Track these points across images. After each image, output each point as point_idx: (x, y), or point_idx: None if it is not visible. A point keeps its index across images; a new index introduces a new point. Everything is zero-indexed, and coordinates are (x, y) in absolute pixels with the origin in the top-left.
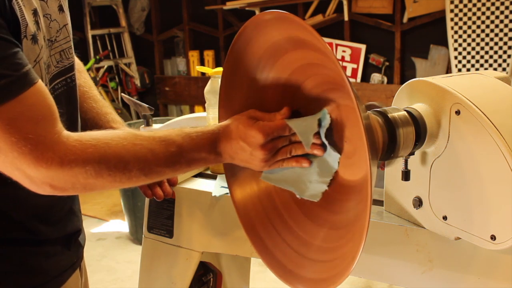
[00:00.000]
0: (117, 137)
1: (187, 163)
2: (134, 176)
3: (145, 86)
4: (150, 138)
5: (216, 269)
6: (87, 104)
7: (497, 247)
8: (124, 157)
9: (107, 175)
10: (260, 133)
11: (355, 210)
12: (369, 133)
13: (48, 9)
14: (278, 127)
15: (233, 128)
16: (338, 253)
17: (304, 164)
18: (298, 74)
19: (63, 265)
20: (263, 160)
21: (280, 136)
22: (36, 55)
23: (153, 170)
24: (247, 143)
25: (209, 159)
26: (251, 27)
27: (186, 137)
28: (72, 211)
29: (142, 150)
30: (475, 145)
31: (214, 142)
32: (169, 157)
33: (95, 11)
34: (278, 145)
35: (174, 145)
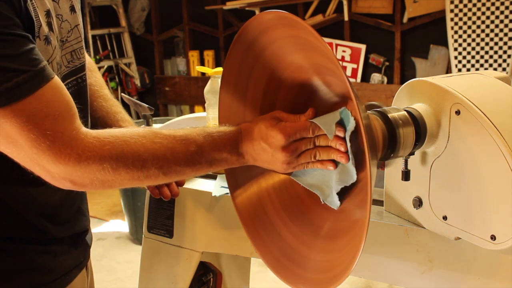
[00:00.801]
0: (136, 135)
1: (208, 163)
2: (152, 175)
3: (145, 86)
4: (171, 136)
5: (216, 269)
6: (97, 102)
7: (497, 247)
8: (142, 155)
9: (124, 173)
10: (281, 133)
11: (355, 210)
12: (369, 133)
13: (59, 10)
14: (301, 128)
15: (255, 128)
16: (338, 253)
17: (330, 167)
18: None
19: (70, 264)
20: (285, 162)
21: (303, 138)
22: (49, 55)
23: (172, 169)
24: (268, 144)
25: (231, 159)
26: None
27: (208, 137)
28: (80, 211)
29: (161, 148)
30: (475, 145)
31: (236, 142)
32: (189, 157)
33: (95, 11)
34: (301, 147)
35: (195, 144)
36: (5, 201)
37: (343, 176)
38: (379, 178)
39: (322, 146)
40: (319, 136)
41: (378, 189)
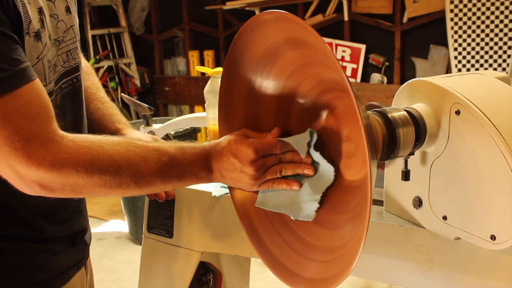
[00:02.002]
0: (111, 142)
1: (178, 176)
2: (124, 183)
3: (145, 86)
4: (144, 146)
5: (216, 269)
6: (93, 105)
7: (497, 247)
8: (116, 161)
9: (97, 178)
10: (251, 148)
11: (355, 210)
12: (369, 133)
13: (55, 10)
14: (269, 144)
15: (224, 144)
16: (338, 253)
17: (295, 187)
18: (297, 74)
19: (68, 263)
20: (252, 178)
21: (270, 154)
22: (39, 52)
23: (144, 179)
24: (238, 159)
25: (200, 174)
26: (250, 28)
27: (179, 149)
28: (78, 210)
29: (135, 157)
30: (475, 145)
31: (206, 158)
32: (161, 167)
33: (95, 11)
34: (268, 163)
35: (167, 155)
36: (1, 200)
37: (315, 188)
38: (379, 178)
39: (287, 162)
40: (284, 153)
41: (378, 189)
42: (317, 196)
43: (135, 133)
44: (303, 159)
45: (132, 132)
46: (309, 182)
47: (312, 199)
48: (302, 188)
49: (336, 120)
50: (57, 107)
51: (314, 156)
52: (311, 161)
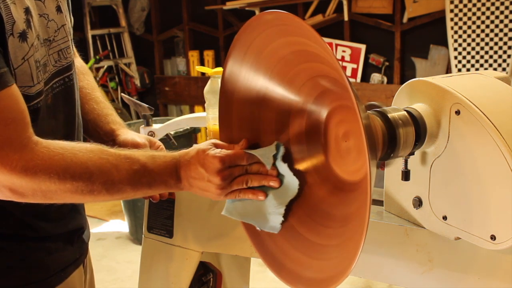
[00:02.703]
0: (84, 148)
1: (148, 183)
2: (96, 190)
3: (145, 86)
4: (116, 154)
5: (216, 269)
6: (88, 105)
7: (497, 247)
8: (89, 168)
9: (70, 184)
10: (217, 158)
11: (355, 210)
12: (369, 133)
13: (45, 9)
14: (236, 155)
15: (192, 154)
16: (338, 253)
17: (260, 197)
18: (297, 75)
19: (65, 261)
20: (219, 187)
21: (237, 165)
22: (25, 52)
23: (115, 186)
24: (205, 168)
25: (169, 183)
26: (250, 28)
27: (150, 158)
28: (75, 209)
29: (107, 164)
30: (475, 145)
31: (175, 166)
32: (132, 175)
33: (95, 11)
34: (235, 173)
35: (138, 163)
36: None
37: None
38: (379, 178)
39: (253, 173)
40: (251, 164)
41: (378, 189)
42: (281, 209)
43: (129, 133)
44: (268, 171)
45: (126, 132)
46: (274, 194)
47: (277, 212)
48: (268, 199)
49: (336, 120)
50: (48, 107)
51: (281, 168)
52: (277, 173)
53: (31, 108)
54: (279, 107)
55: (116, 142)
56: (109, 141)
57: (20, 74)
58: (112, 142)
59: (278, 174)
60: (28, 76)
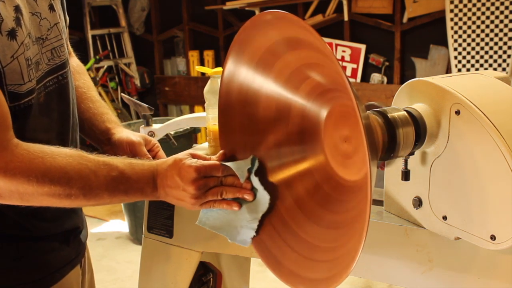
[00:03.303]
0: (64, 153)
1: (125, 190)
2: (73, 194)
3: (145, 86)
4: (95, 160)
5: (216, 269)
6: (84, 104)
7: (497, 247)
8: (68, 173)
9: (48, 188)
10: (193, 168)
11: (355, 210)
12: (369, 133)
13: (37, 8)
14: (212, 166)
15: (169, 163)
16: (338, 253)
17: (235, 208)
18: (297, 75)
19: (60, 261)
20: (193, 196)
21: (212, 176)
22: (14, 51)
23: (93, 192)
24: (180, 178)
25: (146, 191)
26: (250, 28)
27: (128, 165)
28: (72, 209)
29: (85, 170)
30: (475, 145)
31: (152, 175)
32: (110, 182)
33: (95, 11)
34: (210, 183)
35: (117, 170)
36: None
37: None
38: (379, 178)
39: (228, 185)
40: (226, 176)
41: (378, 189)
42: (254, 224)
43: (124, 132)
44: (243, 185)
45: (121, 131)
46: (247, 207)
47: (250, 226)
48: (241, 212)
49: (336, 120)
50: (40, 105)
51: (254, 182)
52: (251, 187)
53: (21, 106)
54: (279, 107)
55: (111, 141)
56: (105, 140)
57: (10, 72)
58: (107, 141)
59: (252, 187)
60: (18, 74)
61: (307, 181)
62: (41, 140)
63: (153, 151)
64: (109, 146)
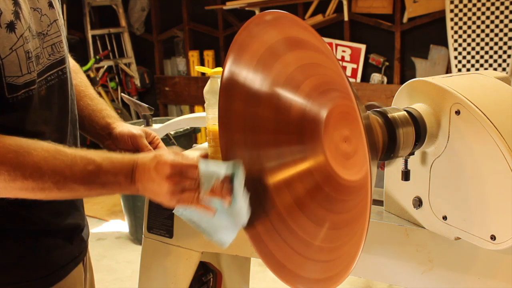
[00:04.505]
0: (40, 148)
1: (102, 184)
2: (47, 188)
3: (145, 86)
4: (71, 154)
5: (216, 269)
6: (83, 102)
7: (497, 247)
8: (41, 168)
9: (20, 182)
10: (168, 164)
11: (355, 210)
12: (369, 133)
13: (38, 4)
14: (187, 164)
15: (149, 157)
16: (338, 253)
17: (210, 215)
18: (297, 75)
19: (64, 259)
20: (168, 193)
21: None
22: (12, 43)
23: (68, 185)
24: (156, 172)
25: (124, 184)
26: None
27: (107, 159)
28: (74, 205)
29: (61, 164)
30: (475, 145)
31: (132, 169)
32: (86, 176)
33: (95, 11)
34: (185, 184)
35: (93, 164)
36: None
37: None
38: (379, 178)
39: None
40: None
41: (378, 189)
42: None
43: (125, 126)
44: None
45: (122, 125)
46: (229, 210)
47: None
48: (220, 213)
49: (336, 120)
50: (41, 98)
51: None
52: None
53: (19, 98)
54: (279, 107)
55: (112, 135)
56: (105, 135)
57: (8, 64)
58: (108, 136)
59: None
60: (16, 66)
61: (307, 181)
62: (42, 132)
63: (154, 143)
64: (110, 141)
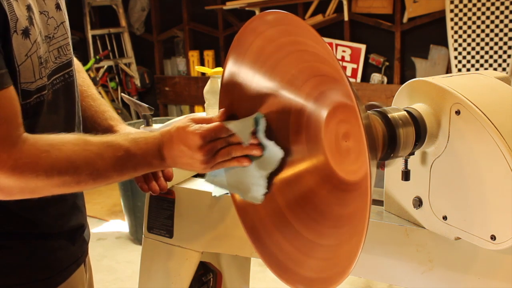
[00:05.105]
0: (68, 142)
1: (133, 167)
2: (82, 181)
3: (145, 86)
4: (99, 143)
5: (216, 269)
6: (85, 102)
7: (497, 247)
8: (75, 162)
9: (57, 179)
10: (197, 135)
11: (355, 210)
12: (369, 133)
13: (45, 7)
14: (215, 129)
15: (173, 132)
16: (338, 253)
17: (245, 163)
18: (297, 75)
19: (67, 260)
20: (203, 162)
21: (218, 138)
22: (28, 49)
23: (101, 175)
24: (187, 146)
25: (154, 163)
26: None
27: (133, 142)
28: (76, 206)
29: (91, 155)
30: (475, 145)
31: (158, 147)
32: (117, 162)
33: (95, 11)
34: (217, 146)
35: (122, 149)
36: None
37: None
38: (379, 178)
39: (235, 143)
40: (232, 135)
41: (378, 189)
42: (263, 181)
43: (127, 129)
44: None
45: (124, 128)
46: (256, 164)
47: (260, 183)
48: (250, 169)
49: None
50: (48, 102)
51: (261, 139)
52: (258, 142)
53: (32, 103)
54: (279, 107)
55: None
56: None
57: (24, 70)
58: None
59: (260, 143)
60: (30, 72)
61: (307, 180)
62: None
63: None
64: None
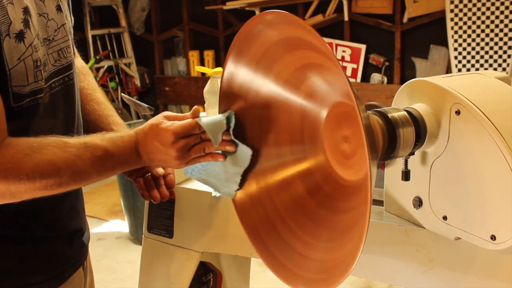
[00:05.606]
0: (48, 145)
1: (111, 166)
2: (64, 183)
3: (145, 86)
4: (77, 144)
5: (216, 269)
6: (89, 106)
7: (497, 247)
8: (56, 164)
9: (39, 182)
10: (169, 131)
11: (355, 210)
12: (369, 133)
13: (45, 8)
14: (188, 126)
15: (147, 130)
16: (338, 253)
17: (220, 159)
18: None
19: (64, 264)
20: (177, 158)
21: (191, 134)
22: (21, 53)
23: (81, 175)
24: (160, 142)
25: (131, 161)
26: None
27: (110, 141)
28: (74, 210)
29: (71, 156)
30: (475, 145)
31: (134, 145)
32: (95, 161)
33: (95, 11)
34: (190, 142)
35: (100, 149)
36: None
37: (237, 162)
38: (379, 178)
39: (208, 139)
40: (205, 131)
41: (378, 189)
42: (237, 178)
43: None
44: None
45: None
46: (230, 160)
47: (233, 180)
48: (225, 165)
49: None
50: (45, 106)
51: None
52: (230, 139)
53: (24, 106)
54: (279, 107)
55: None
56: None
57: (15, 74)
58: None
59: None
60: (23, 76)
61: (307, 181)
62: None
63: None
64: None
